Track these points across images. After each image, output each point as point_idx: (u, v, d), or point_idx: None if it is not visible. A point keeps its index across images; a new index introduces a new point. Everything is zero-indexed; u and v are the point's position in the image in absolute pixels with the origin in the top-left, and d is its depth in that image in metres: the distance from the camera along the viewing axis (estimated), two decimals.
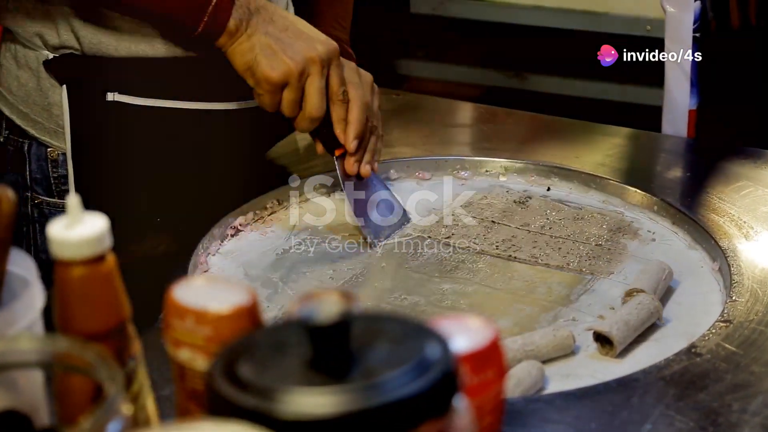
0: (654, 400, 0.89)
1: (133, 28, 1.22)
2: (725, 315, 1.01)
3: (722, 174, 1.30)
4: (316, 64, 1.14)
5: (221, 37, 1.15)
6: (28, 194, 1.31)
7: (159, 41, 1.23)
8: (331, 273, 1.16)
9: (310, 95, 1.16)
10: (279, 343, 0.58)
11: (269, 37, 1.14)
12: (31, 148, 1.30)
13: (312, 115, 1.17)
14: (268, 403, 0.53)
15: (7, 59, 1.30)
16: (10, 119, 1.30)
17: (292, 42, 1.15)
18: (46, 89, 1.26)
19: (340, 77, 1.18)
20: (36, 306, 0.70)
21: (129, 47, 1.23)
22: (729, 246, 1.12)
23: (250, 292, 0.68)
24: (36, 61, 1.26)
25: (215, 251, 1.20)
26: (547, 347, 0.99)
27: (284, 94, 1.16)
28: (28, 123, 1.29)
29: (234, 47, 1.15)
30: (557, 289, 1.12)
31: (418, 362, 0.55)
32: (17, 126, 1.30)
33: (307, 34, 1.16)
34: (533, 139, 1.44)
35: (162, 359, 0.79)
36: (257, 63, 1.14)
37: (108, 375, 0.60)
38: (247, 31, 1.15)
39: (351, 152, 1.21)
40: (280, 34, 1.15)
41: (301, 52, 1.14)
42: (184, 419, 0.70)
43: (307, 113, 1.17)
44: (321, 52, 1.15)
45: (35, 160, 1.30)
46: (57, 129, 1.27)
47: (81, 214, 0.68)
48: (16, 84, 1.29)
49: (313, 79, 1.15)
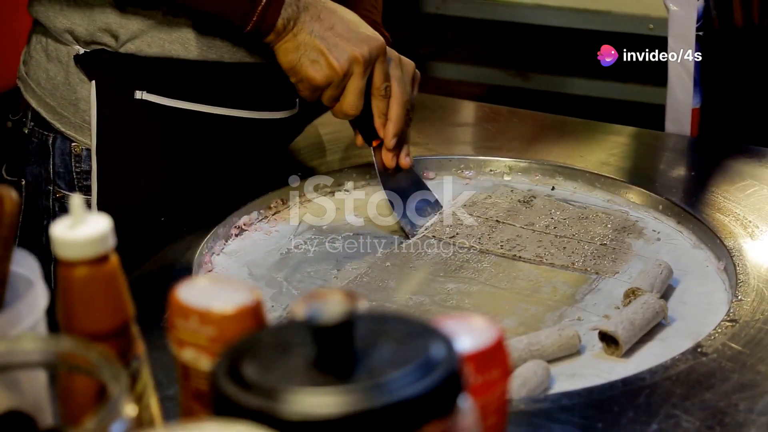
0: (660, 400, 0.89)
1: (167, 27, 1.22)
2: (731, 314, 1.01)
3: (726, 173, 1.29)
4: (360, 65, 1.15)
5: (269, 35, 1.15)
6: (50, 188, 1.31)
7: (192, 43, 1.23)
8: (336, 273, 1.16)
9: (348, 94, 1.17)
10: (283, 343, 0.58)
11: (315, 36, 1.14)
12: (56, 141, 1.29)
13: (347, 113, 1.19)
14: (272, 403, 0.53)
15: (38, 51, 1.30)
16: (37, 111, 1.30)
17: (337, 42, 1.14)
18: (75, 84, 1.26)
19: (384, 73, 1.18)
20: (39, 306, 0.70)
21: (162, 46, 1.23)
22: (734, 245, 1.12)
23: (254, 292, 0.68)
24: (67, 55, 1.26)
25: (219, 251, 1.20)
26: (553, 347, 0.99)
27: (326, 92, 1.17)
28: (54, 116, 1.29)
29: (280, 45, 1.16)
30: (562, 289, 1.12)
31: (422, 362, 0.54)
32: (43, 119, 1.29)
33: (355, 31, 1.16)
34: (537, 139, 1.44)
35: (166, 359, 0.78)
36: (301, 64, 1.15)
37: (112, 375, 0.60)
38: (293, 29, 1.15)
39: (389, 148, 1.23)
40: (326, 32, 1.15)
41: (347, 53, 1.14)
42: (188, 419, 0.70)
43: (343, 110, 1.18)
44: (366, 51, 1.15)
45: (59, 154, 1.30)
46: (83, 124, 1.27)
47: (84, 214, 0.68)
48: (45, 77, 1.29)
49: (354, 79, 1.16)
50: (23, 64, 1.33)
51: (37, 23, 1.29)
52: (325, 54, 1.14)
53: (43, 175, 1.31)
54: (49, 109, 1.29)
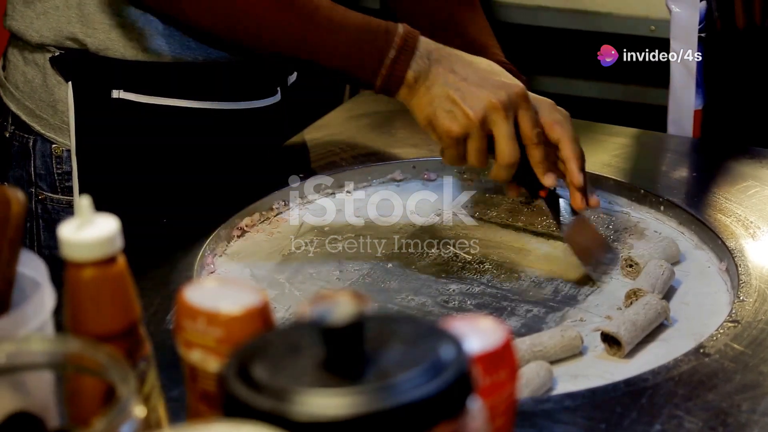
0: (663, 401, 0.89)
1: (137, 37, 1.23)
2: (733, 315, 1.01)
3: (728, 174, 1.30)
4: (498, 111, 1.07)
5: (401, 89, 1.09)
6: (33, 190, 1.31)
7: (165, 49, 1.24)
8: (338, 274, 1.16)
9: (499, 142, 1.09)
10: (292, 345, 0.58)
11: (449, 87, 1.08)
12: (36, 144, 1.30)
13: (507, 162, 1.10)
14: (282, 404, 0.53)
15: (14, 55, 1.31)
16: (16, 115, 1.31)
17: (472, 90, 1.08)
18: (52, 86, 1.27)
19: (532, 119, 1.10)
20: (46, 307, 0.70)
21: (136, 54, 1.24)
22: (736, 246, 1.12)
23: (261, 293, 0.68)
24: (42, 58, 1.27)
25: (222, 252, 1.20)
26: (555, 348, 0.99)
27: (468, 145, 1.09)
28: (33, 119, 1.29)
29: (414, 100, 1.10)
30: (564, 290, 1.12)
31: (432, 363, 0.55)
32: (23, 122, 1.30)
33: (491, 79, 1.09)
34: None
35: (170, 361, 0.79)
36: (436, 117, 1.08)
37: (121, 376, 0.60)
38: (426, 83, 1.09)
39: (578, 186, 1.14)
40: (460, 83, 1.08)
41: (483, 100, 1.07)
42: (195, 421, 0.70)
43: (502, 161, 1.10)
44: (503, 97, 1.08)
45: (39, 156, 1.30)
46: (62, 125, 1.28)
47: (91, 215, 0.68)
48: (23, 80, 1.30)
49: (499, 126, 1.08)
50: (1, 69, 1.34)
51: None
52: (458, 103, 1.07)
53: (24, 178, 1.31)
54: (29, 112, 1.30)
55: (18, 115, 1.30)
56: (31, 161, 1.30)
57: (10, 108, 1.31)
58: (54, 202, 1.30)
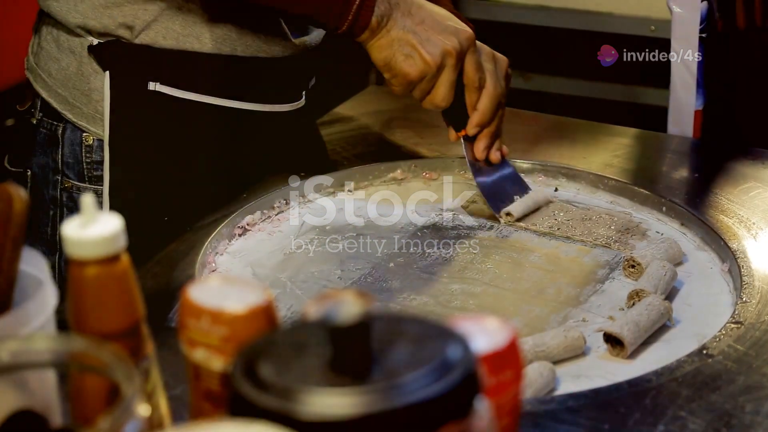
0: (666, 402, 0.89)
1: (182, 20, 1.23)
2: (736, 316, 1.01)
3: (729, 175, 1.29)
4: (452, 57, 1.16)
5: (363, 33, 1.16)
6: (58, 178, 1.30)
7: (207, 36, 1.24)
8: (339, 273, 1.16)
9: (440, 86, 1.18)
10: (299, 344, 0.57)
11: (407, 31, 1.15)
12: (65, 132, 1.29)
13: (438, 105, 1.19)
14: (289, 403, 0.53)
15: (48, 42, 1.29)
16: (47, 102, 1.30)
17: (429, 36, 1.15)
18: (88, 74, 1.26)
19: (477, 64, 1.19)
20: (49, 306, 0.70)
21: (176, 38, 1.23)
22: (738, 247, 1.12)
23: (265, 292, 0.67)
24: (80, 46, 1.26)
25: (223, 250, 1.20)
26: (558, 348, 0.99)
27: (418, 85, 1.18)
28: (65, 107, 1.28)
29: (373, 43, 1.16)
30: (567, 290, 1.12)
31: (439, 363, 0.54)
32: (53, 109, 1.29)
33: (444, 24, 1.17)
34: (540, 140, 1.44)
35: (171, 359, 0.78)
36: (395, 60, 1.16)
37: (125, 375, 0.59)
38: (386, 26, 1.15)
39: (470, 136, 1.25)
40: (417, 27, 1.16)
41: (439, 47, 1.15)
42: (198, 419, 0.70)
43: (435, 102, 1.19)
44: (457, 43, 1.16)
45: (68, 144, 1.29)
46: (95, 114, 1.27)
47: (96, 213, 0.68)
48: (56, 67, 1.28)
49: (447, 71, 1.17)
50: (32, 55, 1.33)
51: (46, 15, 1.29)
52: (417, 48, 1.15)
53: (50, 166, 1.30)
54: (61, 100, 1.29)
55: (48, 102, 1.29)
56: (59, 149, 1.30)
57: (41, 94, 1.30)
58: (81, 190, 1.30)
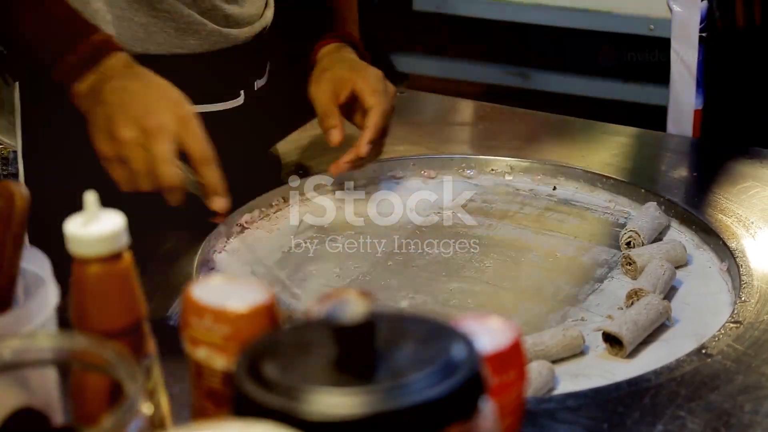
0: (665, 401, 0.89)
1: None
2: (735, 316, 1.01)
3: (728, 174, 1.29)
4: (153, 136, 1.05)
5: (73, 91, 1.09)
6: None
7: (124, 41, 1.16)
8: (338, 271, 1.16)
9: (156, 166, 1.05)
10: (303, 343, 0.57)
11: (111, 107, 1.06)
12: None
13: (166, 186, 1.06)
14: (293, 403, 0.53)
15: None
16: None
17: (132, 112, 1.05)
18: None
19: (197, 139, 1.07)
20: (50, 304, 0.70)
21: None
22: (737, 246, 1.12)
23: (268, 291, 0.67)
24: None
25: (221, 248, 1.19)
26: (557, 347, 0.99)
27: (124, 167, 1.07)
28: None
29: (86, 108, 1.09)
30: (565, 289, 1.12)
31: (444, 363, 0.54)
32: None
33: (155, 104, 1.07)
34: (538, 138, 1.44)
35: (170, 357, 0.78)
36: (94, 135, 1.08)
37: (128, 373, 0.59)
38: (94, 98, 1.08)
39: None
40: (125, 104, 1.06)
41: (138, 123, 1.05)
42: (200, 418, 0.70)
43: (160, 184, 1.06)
44: (162, 120, 1.06)
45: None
46: (9, 126, 1.23)
47: (97, 211, 0.68)
48: None
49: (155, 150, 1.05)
50: None
51: None
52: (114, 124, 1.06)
53: None
54: None
55: None
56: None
57: None
58: None
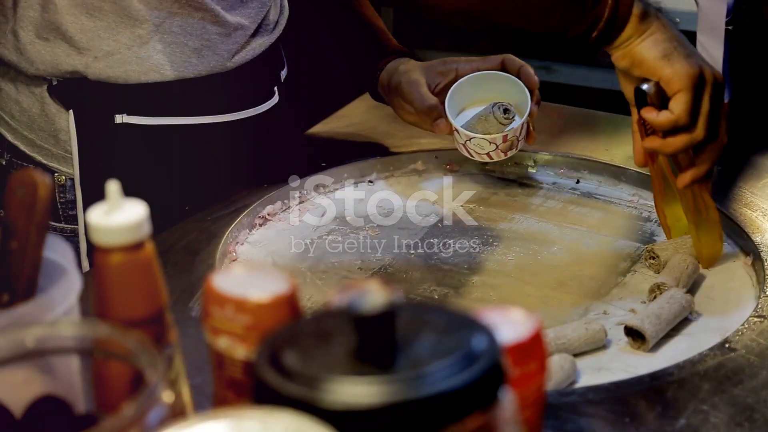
0: (688, 395, 0.88)
1: (137, 60, 1.18)
2: (759, 310, 1.00)
3: (754, 168, 1.28)
4: None
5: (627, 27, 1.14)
6: None
7: (167, 67, 1.19)
8: (360, 264, 1.16)
9: None
10: (323, 333, 0.57)
11: None
12: None
13: None
14: (314, 392, 0.53)
15: (6, 83, 1.25)
16: (14, 145, 1.25)
17: None
18: (52, 115, 1.22)
19: None
20: (73, 292, 0.70)
21: (137, 78, 1.19)
22: (762, 241, 1.11)
23: (289, 281, 0.67)
24: (39, 88, 1.21)
25: (243, 240, 1.20)
26: (579, 341, 0.98)
27: None
28: (33, 149, 1.24)
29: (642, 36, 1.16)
30: (588, 283, 1.11)
31: (464, 353, 0.54)
32: (22, 152, 1.25)
33: None
34: (562, 132, 1.43)
35: (192, 347, 0.79)
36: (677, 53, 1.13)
37: (149, 362, 0.60)
38: None
39: None
40: None
41: None
42: (221, 407, 0.70)
43: None
44: None
45: None
46: (65, 155, 1.23)
47: (120, 200, 0.68)
48: (18, 109, 1.24)
49: None
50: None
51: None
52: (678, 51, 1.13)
53: None
54: (28, 143, 1.24)
55: (16, 146, 1.25)
56: None
57: (7, 138, 1.26)
58: (57, 231, 1.25)
